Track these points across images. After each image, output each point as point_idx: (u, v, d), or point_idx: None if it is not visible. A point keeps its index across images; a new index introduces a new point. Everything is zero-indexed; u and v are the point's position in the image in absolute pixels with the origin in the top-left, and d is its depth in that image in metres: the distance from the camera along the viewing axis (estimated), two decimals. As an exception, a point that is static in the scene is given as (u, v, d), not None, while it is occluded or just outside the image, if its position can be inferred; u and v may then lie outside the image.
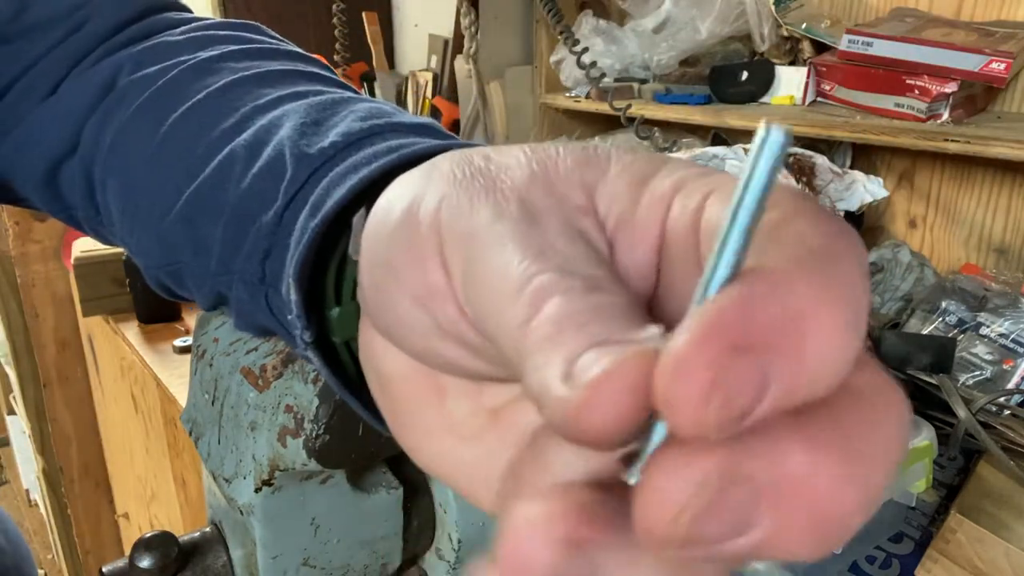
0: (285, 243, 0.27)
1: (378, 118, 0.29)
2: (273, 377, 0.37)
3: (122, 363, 1.26)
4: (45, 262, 1.56)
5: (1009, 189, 1.04)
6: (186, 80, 0.34)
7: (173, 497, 1.18)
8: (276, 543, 0.38)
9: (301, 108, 0.31)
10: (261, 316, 0.29)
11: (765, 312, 0.12)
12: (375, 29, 1.72)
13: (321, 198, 0.26)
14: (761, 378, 0.12)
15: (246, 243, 0.29)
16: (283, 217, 0.28)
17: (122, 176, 0.35)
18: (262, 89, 0.33)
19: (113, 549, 1.79)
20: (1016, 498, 0.66)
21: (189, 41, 0.37)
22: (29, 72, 0.37)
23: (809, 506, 0.13)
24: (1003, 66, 0.89)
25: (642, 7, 1.29)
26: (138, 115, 0.34)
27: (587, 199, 0.18)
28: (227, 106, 0.32)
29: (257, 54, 0.36)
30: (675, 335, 0.13)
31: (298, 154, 0.28)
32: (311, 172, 0.28)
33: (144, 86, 0.35)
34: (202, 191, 0.31)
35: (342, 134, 0.28)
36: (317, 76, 0.36)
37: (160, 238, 0.33)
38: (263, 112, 0.32)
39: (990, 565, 0.60)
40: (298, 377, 0.36)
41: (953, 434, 0.75)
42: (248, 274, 0.29)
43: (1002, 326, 0.86)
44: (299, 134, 0.29)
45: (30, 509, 2.47)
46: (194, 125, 0.33)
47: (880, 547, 0.67)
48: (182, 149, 0.32)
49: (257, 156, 0.30)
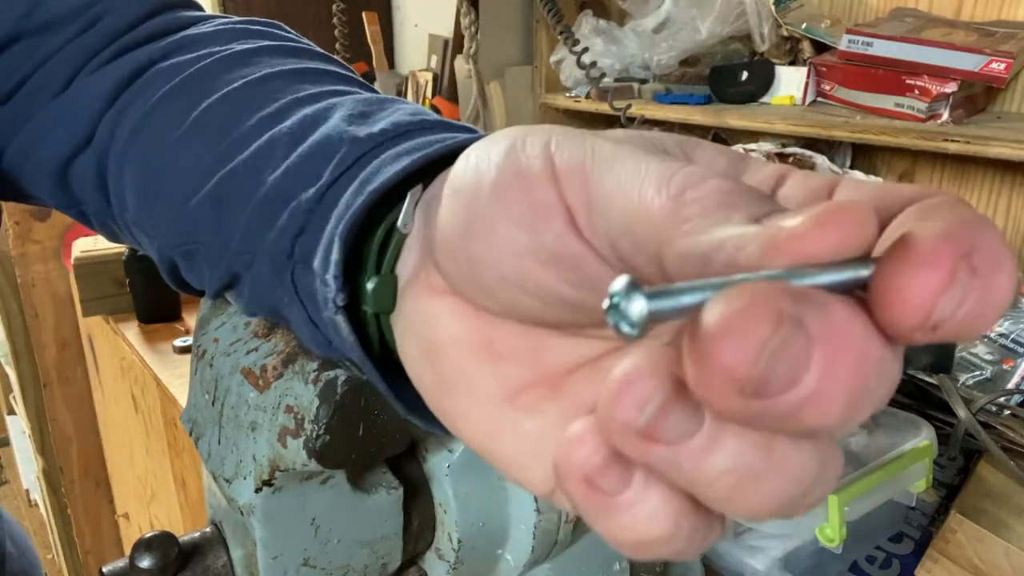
0: (323, 220, 0.27)
1: (426, 115, 0.30)
2: (273, 377, 0.37)
3: (122, 363, 1.26)
4: (45, 262, 1.55)
5: (1009, 189, 1.04)
6: (220, 69, 0.34)
7: (173, 497, 1.18)
8: (276, 543, 0.38)
9: (347, 102, 0.31)
10: (279, 293, 0.29)
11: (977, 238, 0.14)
12: (375, 29, 1.72)
13: (371, 176, 0.26)
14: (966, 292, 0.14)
15: (279, 221, 0.29)
16: (325, 195, 0.27)
17: (145, 158, 0.34)
18: (302, 84, 0.33)
19: (113, 549, 1.79)
20: (1016, 498, 0.66)
21: (217, 34, 0.37)
22: (41, 68, 0.37)
23: (848, 357, 0.14)
24: (1003, 66, 0.89)
25: (642, 7, 1.29)
26: (167, 99, 0.34)
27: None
28: (265, 96, 0.32)
29: (291, 52, 0.36)
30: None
31: (349, 138, 0.28)
32: (361, 154, 0.28)
33: (173, 73, 0.35)
34: (236, 173, 0.31)
35: (392, 123, 0.29)
36: (354, 80, 0.36)
37: (181, 219, 0.33)
38: (304, 104, 0.32)
39: (990, 565, 0.60)
40: (298, 377, 0.36)
41: (953, 434, 0.75)
42: (276, 251, 0.28)
43: (1002, 326, 0.86)
44: (347, 122, 0.29)
45: (30, 509, 2.47)
46: (228, 111, 0.33)
47: (880, 547, 0.67)
48: (215, 133, 0.32)
49: (301, 141, 0.30)
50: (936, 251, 0.13)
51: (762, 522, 0.57)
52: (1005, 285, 0.14)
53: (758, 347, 0.13)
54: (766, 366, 0.13)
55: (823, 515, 0.58)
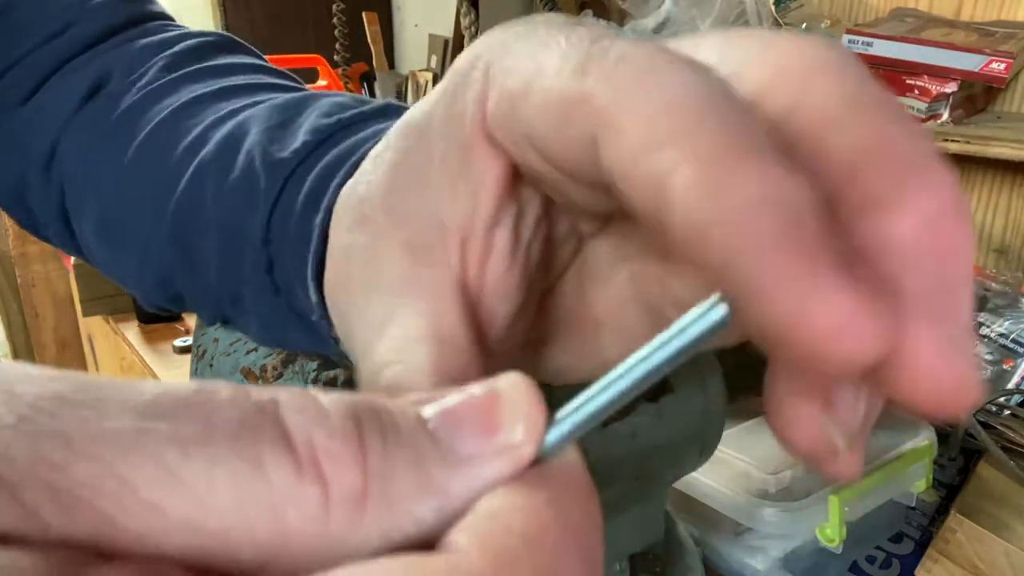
0: (282, 249, 0.27)
1: (342, 112, 0.29)
2: (273, 377, 0.37)
3: (122, 363, 1.26)
4: (45, 262, 1.56)
5: (1009, 189, 1.04)
6: (148, 102, 0.34)
7: (173, 497, 1.18)
8: (276, 543, 0.38)
9: (263, 112, 0.31)
10: (292, 327, 0.29)
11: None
12: (375, 29, 1.72)
13: (311, 195, 0.26)
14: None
15: (244, 257, 0.29)
16: (270, 225, 0.27)
17: (96, 205, 0.35)
18: (220, 103, 0.33)
19: (113, 549, 1.79)
20: (1016, 498, 0.66)
21: (158, 70, 0.37)
22: (9, 73, 0.37)
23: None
24: (1003, 66, 0.89)
25: (642, 7, 1.29)
26: (104, 143, 0.34)
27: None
28: (186, 123, 0.32)
29: (219, 71, 0.36)
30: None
31: (271, 161, 0.28)
32: (288, 175, 0.27)
33: (108, 111, 0.35)
34: (181, 211, 0.31)
35: (311, 131, 0.28)
36: (278, 86, 0.35)
37: (151, 264, 0.33)
38: (223, 122, 0.31)
39: (990, 565, 0.60)
40: (298, 377, 0.36)
41: (953, 434, 0.75)
42: (263, 286, 0.28)
43: (1002, 326, 0.86)
44: (267, 140, 0.29)
45: (30, 509, 2.47)
46: (157, 147, 0.33)
47: (880, 547, 0.67)
48: (150, 173, 0.32)
49: (228, 168, 0.29)
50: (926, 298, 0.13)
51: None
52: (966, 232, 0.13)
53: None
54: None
55: (823, 515, 0.59)
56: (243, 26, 1.84)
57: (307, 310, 0.27)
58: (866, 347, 0.12)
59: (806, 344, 0.12)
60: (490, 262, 0.19)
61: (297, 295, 0.27)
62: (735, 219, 0.12)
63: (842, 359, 0.12)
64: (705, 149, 0.13)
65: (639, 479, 0.40)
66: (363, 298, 0.19)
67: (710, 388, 0.41)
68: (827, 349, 0.12)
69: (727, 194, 0.13)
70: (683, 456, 0.41)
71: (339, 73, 1.61)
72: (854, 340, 0.12)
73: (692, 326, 0.14)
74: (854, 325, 0.12)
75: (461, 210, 0.18)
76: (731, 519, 0.60)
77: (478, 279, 0.19)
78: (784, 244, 0.12)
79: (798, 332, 0.12)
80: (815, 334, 0.12)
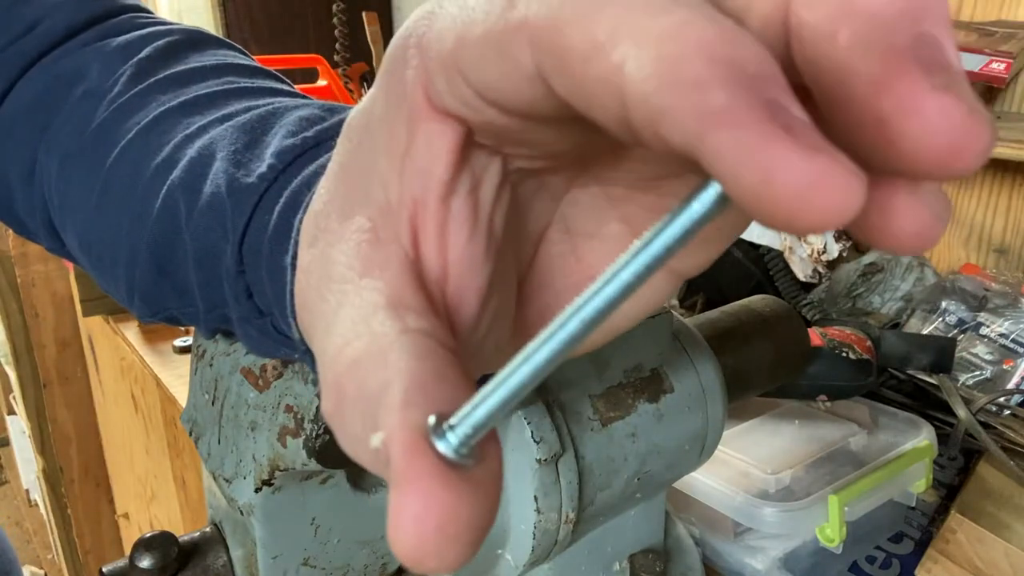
0: (258, 276, 0.27)
1: (307, 129, 0.29)
2: (273, 377, 0.37)
3: (122, 363, 1.26)
4: (45, 262, 1.55)
5: (1009, 189, 1.04)
6: (119, 118, 0.34)
7: (173, 497, 1.18)
8: (276, 543, 0.38)
9: (229, 132, 0.30)
10: (282, 346, 0.29)
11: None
12: (375, 29, 1.72)
13: (279, 228, 0.26)
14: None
15: (223, 283, 0.28)
16: (242, 254, 0.27)
17: (78, 227, 0.35)
18: (190, 118, 0.32)
19: (113, 549, 1.79)
20: (1016, 498, 0.66)
21: (128, 76, 0.36)
22: None
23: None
24: (1003, 66, 0.89)
25: (642, 7, 1.29)
26: (77, 163, 0.34)
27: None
28: (155, 142, 0.32)
29: (187, 78, 0.36)
30: None
31: (238, 187, 0.28)
32: (256, 202, 0.27)
33: (80, 127, 0.34)
34: (157, 239, 0.31)
35: (276, 154, 0.28)
36: (247, 89, 0.35)
37: (139, 292, 0.33)
38: (190, 142, 0.31)
39: (990, 565, 0.60)
40: (298, 377, 0.36)
41: (953, 434, 0.75)
42: (246, 311, 0.28)
43: (1002, 326, 0.86)
44: (233, 164, 0.28)
45: (30, 509, 2.47)
46: (128, 167, 0.32)
47: (880, 547, 0.67)
48: (122, 195, 0.32)
49: (196, 194, 0.29)
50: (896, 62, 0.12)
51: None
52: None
53: None
54: None
55: (823, 515, 0.59)
56: (243, 26, 1.84)
57: (296, 345, 0.26)
58: (839, 202, 0.12)
59: (782, 212, 0.12)
60: (449, 234, 0.18)
61: (280, 318, 0.27)
62: (684, 99, 0.12)
63: (818, 219, 0.12)
64: (642, 32, 0.13)
65: (639, 479, 0.40)
66: (318, 300, 0.19)
67: (710, 388, 0.41)
68: (801, 212, 0.12)
69: (673, 70, 0.12)
70: (683, 456, 0.41)
71: (339, 73, 1.61)
72: (825, 198, 0.12)
73: (688, 209, 0.13)
74: (821, 184, 0.12)
75: (410, 186, 0.18)
76: (731, 519, 0.60)
77: (438, 254, 0.18)
78: (734, 117, 0.12)
79: (769, 204, 0.12)
80: (784, 202, 0.12)
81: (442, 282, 0.18)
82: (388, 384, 0.15)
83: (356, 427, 0.16)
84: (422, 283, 0.18)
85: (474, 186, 0.18)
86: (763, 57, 0.13)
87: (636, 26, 0.13)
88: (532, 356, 0.14)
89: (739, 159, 0.12)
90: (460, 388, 0.16)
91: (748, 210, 0.12)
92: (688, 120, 0.12)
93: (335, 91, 1.57)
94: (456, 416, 0.15)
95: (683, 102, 0.12)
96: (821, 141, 0.12)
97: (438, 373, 0.16)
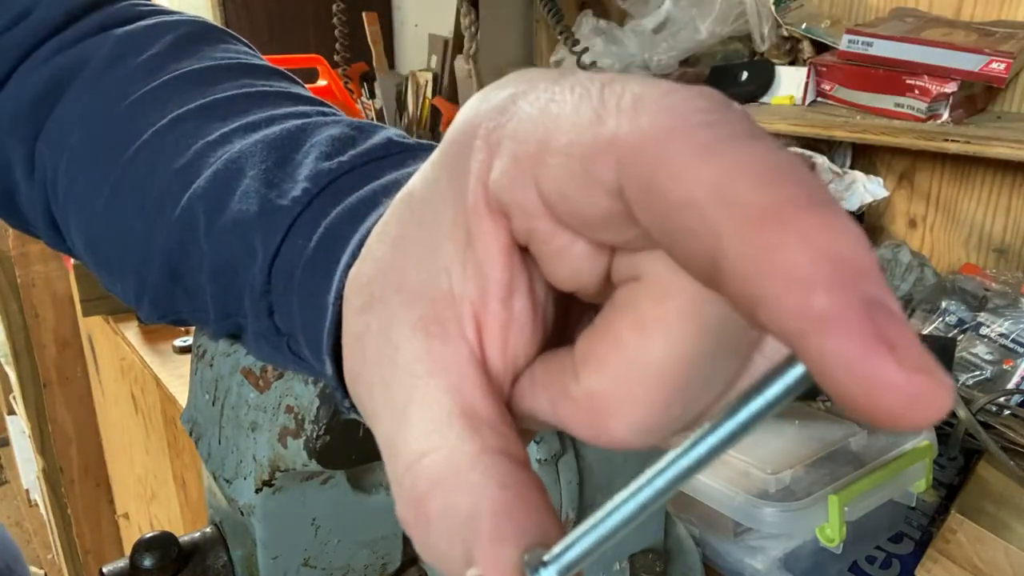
0: (285, 300, 0.26)
1: (342, 153, 0.28)
2: (274, 378, 0.37)
3: (122, 363, 1.26)
4: (45, 262, 1.55)
5: (1009, 189, 1.04)
6: (129, 118, 0.33)
7: (173, 497, 1.18)
8: (276, 543, 0.38)
9: (259, 149, 0.29)
10: (293, 364, 0.29)
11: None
12: (375, 29, 1.72)
13: (319, 258, 0.25)
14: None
15: (242, 298, 0.28)
16: (271, 276, 0.27)
17: (83, 224, 0.34)
18: (210, 124, 0.32)
19: (113, 549, 1.79)
20: (1016, 498, 0.66)
21: (137, 68, 0.35)
22: None
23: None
24: (1003, 66, 0.89)
25: (642, 7, 1.29)
26: (83, 161, 0.33)
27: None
28: (173, 145, 0.31)
29: (201, 77, 0.35)
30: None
31: (270, 208, 0.27)
32: (290, 224, 0.27)
33: (84, 124, 0.34)
34: (173, 245, 0.30)
35: (311, 178, 0.27)
36: (266, 95, 0.34)
37: (149, 296, 0.32)
38: (213, 151, 0.30)
39: (990, 565, 0.60)
40: (299, 378, 0.36)
41: (953, 434, 0.75)
42: (264, 329, 0.28)
43: (1002, 326, 0.86)
44: (265, 184, 0.28)
45: (30, 509, 2.47)
46: (143, 168, 0.32)
47: (880, 547, 0.67)
48: (136, 196, 0.32)
49: (221, 207, 0.28)
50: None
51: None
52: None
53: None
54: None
55: (823, 515, 0.59)
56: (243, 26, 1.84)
57: (320, 375, 0.26)
58: (932, 415, 0.12)
59: (879, 419, 0.12)
60: (512, 333, 0.18)
61: (299, 341, 0.27)
62: (786, 296, 0.12)
63: (911, 426, 0.12)
64: (752, 205, 0.12)
65: (639, 479, 0.40)
66: (380, 384, 0.18)
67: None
68: (896, 421, 0.12)
69: (776, 261, 0.12)
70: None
71: (339, 73, 1.61)
72: (921, 413, 0.12)
73: (769, 386, 0.13)
74: (919, 401, 0.12)
75: (472, 282, 0.17)
76: (731, 519, 0.60)
77: (501, 352, 0.18)
78: (838, 325, 0.12)
79: (867, 411, 0.12)
80: (882, 413, 0.12)
81: (505, 381, 0.18)
82: (476, 515, 0.16)
83: (441, 545, 0.16)
84: (490, 385, 0.18)
85: (531, 282, 0.18)
86: (862, 247, 0.12)
87: (737, 194, 0.12)
88: (622, 506, 0.15)
89: (843, 370, 0.12)
90: (544, 512, 0.16)
91: (841, 404, 0.12)
92: (789, 318, 0.12)
93: (335, 91, 1.57)
94: (550, 554, 0.15)
95: (785, 299, 0.12)
96: (920, 356, 0.12)
97: (522, 500, 0.16)
